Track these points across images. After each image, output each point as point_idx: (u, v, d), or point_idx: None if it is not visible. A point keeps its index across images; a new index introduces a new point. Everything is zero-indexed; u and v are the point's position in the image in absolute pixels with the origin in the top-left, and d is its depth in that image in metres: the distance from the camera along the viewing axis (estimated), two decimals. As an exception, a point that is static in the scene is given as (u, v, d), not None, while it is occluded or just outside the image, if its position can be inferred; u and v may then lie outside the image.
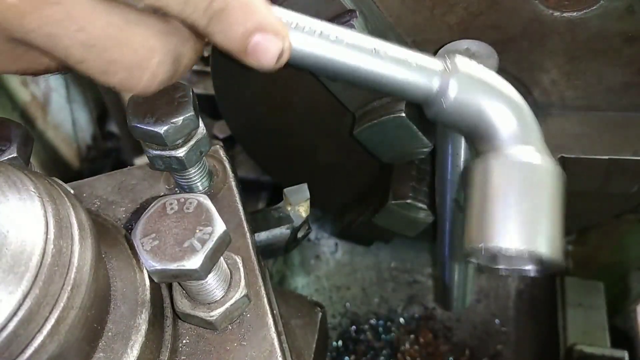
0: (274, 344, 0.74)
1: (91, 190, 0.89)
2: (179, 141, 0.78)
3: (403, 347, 1.63)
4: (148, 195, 0.89)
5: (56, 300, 0.54)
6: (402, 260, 1.74)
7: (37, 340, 0.52)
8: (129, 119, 0.75)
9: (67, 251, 0.56)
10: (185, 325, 0.75)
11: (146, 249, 0.61)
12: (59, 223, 0.56)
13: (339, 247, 1.77)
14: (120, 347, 0.63)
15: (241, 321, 0.75)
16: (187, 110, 0.74)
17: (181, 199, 0.65)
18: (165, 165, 0.81)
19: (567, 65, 1.03)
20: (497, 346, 1.61)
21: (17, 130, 0.78)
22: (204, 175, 0.88)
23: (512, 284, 1.67)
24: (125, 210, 0.87)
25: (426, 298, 1.70)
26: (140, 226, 0.63)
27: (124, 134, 2.84)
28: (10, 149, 0.77)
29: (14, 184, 0.57)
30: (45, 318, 0.53)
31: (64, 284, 0.55)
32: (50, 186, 0.61)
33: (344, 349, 1.65)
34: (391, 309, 1.69)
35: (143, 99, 0.74)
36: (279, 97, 1.17)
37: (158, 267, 0.60)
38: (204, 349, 0.73)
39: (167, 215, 0.63)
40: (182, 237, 0.62)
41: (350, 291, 1.73)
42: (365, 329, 1.67)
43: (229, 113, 1.25)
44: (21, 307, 0.51)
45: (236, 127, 1.29)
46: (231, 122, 1.29)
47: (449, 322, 1.67)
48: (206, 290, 0.70)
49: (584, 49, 1.00)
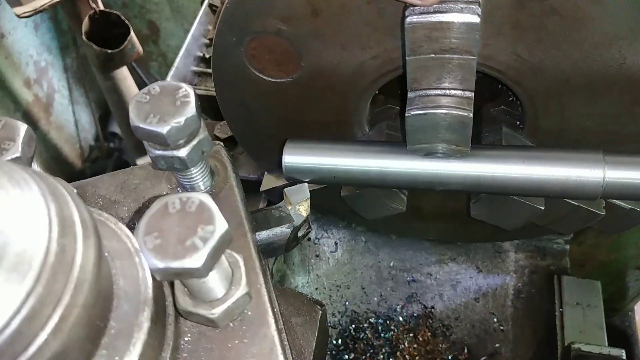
0: (275, 342, 0.75)
1: (94, 190, 0.90)
2: (181, 141, 0.78)
3: (402, 346, 1.63)
4: (150, 194, 0.90)
5: (59, 299, 0.54)
6: (402, 259, 1.74)
7: (40, 338, 0.53)
8: (131, 119, 0.75)
9: (70, 250, 0.56)
10: (187, 323, 0.76)
11: (148, 247, 0.61)
12: (62, 222, 0.56)
13: (339, 246, 1.77)
14: (122, 345, 0.64)
15: (242, 319, 0.76)
16: (189, 110, 0.75)
17: (183, 198, 0.65)
18: (167, 165, 0.82)
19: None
20: (495, 345, 1.62)
21: (20, 130, 0.79)
22: (205, 175, 0.88)
23: (510, 283, 1.68)
24: (127, 209, 0.88)
25: (425, 297, 1.71)
26: (142, 225, 0.63)
27: (126, 134, 2.85)
28: (14, 149, 0.77)
29: (17, 183, 0.57)
30: (49, 316, 0.53)
31: (67, 282, 0.55)
32: (54, 185, 0.61)
33: (344, 347, 1.66)
34: (390, 308, 1.70)
35: (145, 100, 0.75)
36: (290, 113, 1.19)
37: (160, 265, 0.61)
38: (206, 346, 0.74)
39: (169, 214, 0.63)
40: (184, 236, 0.62)
41: (349, 290, 1.74)
42: (365, 327, 1.68)
43: (230, 114, 1.25)
44: (24, 305, 0.51)
45: (237, 128, 1.30)
46: (232, 123, 1.29)
47: (447, 321, 1.67)
48: (208, 288, 0.70)
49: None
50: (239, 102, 1.20)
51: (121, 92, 2.53)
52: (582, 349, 1.37)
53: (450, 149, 1.04)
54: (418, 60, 0.93)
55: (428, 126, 1.00)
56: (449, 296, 1.70)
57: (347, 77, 1.08)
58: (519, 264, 1.68)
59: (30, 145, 0.80)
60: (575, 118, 1.05)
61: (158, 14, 2.95)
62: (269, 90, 1.14)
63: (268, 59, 1.07)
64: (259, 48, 1.05)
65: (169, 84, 0.78)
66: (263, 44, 1.04)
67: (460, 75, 0.93)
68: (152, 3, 2.90)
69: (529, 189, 1.05)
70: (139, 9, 2.95)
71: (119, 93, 2.54)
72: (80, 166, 3.21)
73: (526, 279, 1.66)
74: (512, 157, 1.05)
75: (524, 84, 1.01)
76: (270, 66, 1.09)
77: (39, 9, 2.00)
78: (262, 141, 1.29)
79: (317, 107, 1.17)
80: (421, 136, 1.03)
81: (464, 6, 0.85)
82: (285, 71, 1.09)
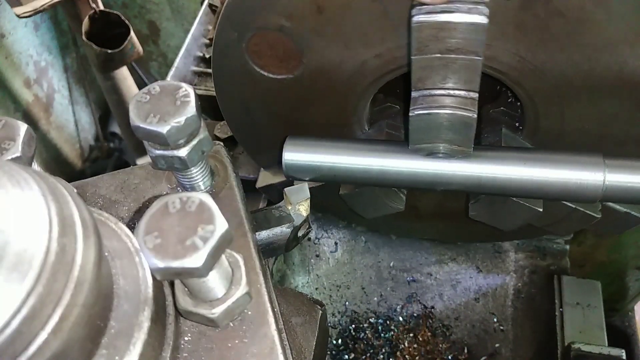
0: (275, 341, 0.75)
1: (94, 190, 0.90)
2: (181, 141, 0.78)
3: (402, 346, 1.63)
4: (150, 194, 0.90)
5: (59, 298, 0.54)
6: (402, 259, 1.74)
7: (41, 338, 0.53)
8: (132, 119, 0.76)
9: (70, 249, 0.56)
10: (187, 323, 0.76)
11: (149, 247, 0.61)
12: (63, 221, 0.56)
13: (339, 246, 1.77)
14: (122, 345, 0.64)
15: (242, 319, 0.76)
16: (190, 110, 0.75)
17: (183, 197, 0.65)
18: (167, 165, 0.82)
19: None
20: (495, 345, 1.62)
21: (20, 130, 0.79)
22: (205, 175, 0.88)
23: (510, 283, 1.68)
24: (128, 209, 0.88)
25: (425, 297, 1.71)
26: (142, 224, 0.63)
27: (126, 134, 2.85)
28: (14, 149, 0.77)
29: (17, 183, 0.57)
30: (49, 315, 0.53)
31: (68, 282, 0.55)
32: (54, 185, 0.61)
33: (344, 347, 1.66)
34: (390, 308, 1.70)
35: (145, 100, 0.75)
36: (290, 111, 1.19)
37: (160, 265, 0.61)
38: (206, 346, 0.74)
39: (170, 213, 0.63)
40: (184, 235, 0.62)
41: (349, 290, 1.74)
42: (365, 327, 1.68)
43: (230, 114, 1.25)
44: (25, 304, 0.51)
45: (237, 128, 1.30)
46: (232, 123, 1.29)
47: (447, 321, 1.67)
48: (208, 288, 0.70)
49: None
50: (239, 101, 1.20)
51: (121, 92, 2.53)
52: (582, 349, 1.37)
53: (452, 150, 1.04)
54: (424, 59, 0.93)
55: (431, 126, 1.00)
56: (449, 296, 1.70)
57: (348, 75, 1.07)
58: (519, 264, 1.68)
59: (31, 145, 0.80)
60: (575, 120, 1.05)
61: (158, 14, 2.95)
62: (269, 87, 1.13)
63: (269, 55, 1.07)
64: (260, 44, 1.05)
65: (169, 84, 0.78)
66: (265, 40, 1.04)
67: (465, 76, 0.94)
68: (152, 3, 2.90)
69: (530, 190, 1.05)
70: (139, 9, 2.95)
71: (119, 93, 2.54)
72: (80, 166, 3.21)
73: (526, 279, 1.66)
74: (514, 159, 1.05)
75: (525, 86, 1.01)
76: (271, 62, 1.08)
77: (39, 9, 2.00)
78: (262, 140, 1.29)
79: (317, 105, 1.16)
80: (424, 136, 1.03)
81: (471, 6, 0.85)
82: (287, 68, 1.09)
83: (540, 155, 1.05)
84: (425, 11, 0.87)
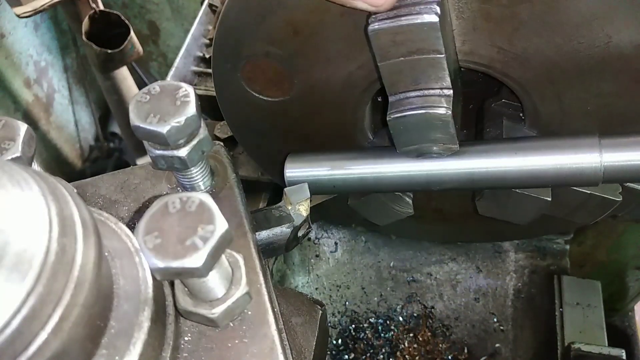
0: (275, 341, 0.75)
1: (94, 190, 0.90)
2: (181, 141, 0.78)
3: (402, 346, 1.64)
4: (150, 194, 0.90)
5: (59, 298, 0.54)
6: (402, 259, 1.74)
7: (41, 338, 0.53)
8: (131, 119, 0.75)
9: (70, 249, 0.56)
10: (187, 323, 0.76)
11: (149, 247, 0.61)
12: (63, 221, 0.56)
13: (339, 246, 1.77)
14: (122, 345, 0.64)
15: (242, 319, 0.76)
16: (190, 110, 0.75)
17: (183, 197, 0.65)
18: (167, 165, 0.82)
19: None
20: (495, 344, 1.62)
21: (20, 129, 0.79)
22: (205, 175, 0.88)
23: (510, 283, 1.68)
24: (128, 209, 0.88)
25: (425, 297, 1.71)
26: (142, 224, 0.63)
27: (126, 134, 2.85)
28: (14, 148, 0.77)
29: (17, 183, 0.57)
30: (49, 315, 0.53)
31: (68, 282, 0.55)
32: (54, 185, 0.61)
33: (344, 347, 1.66)
34: (390, 308, 1.70)
35: (145, 100, 0.75)
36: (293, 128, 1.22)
37: (160, 265, 0.61)
38: (206, 346, 0.74)
39: (170, 213, 0.63)
40: (184, 235, 0.62)
41: (349, 290, 1.74)
42: (365, 327, 1.68)
43: (230, 114, 1.26)
44: (25, 304, 0.51)
45: (237, 128, 1.30)
46: (232, 123, 1.30)
47: (447, 321, 1.67)
48: (208, 288, 0.70)
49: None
50: (245, 125, 1.25)
51: (121, 92, 2.53)
52: (582, 349, 1.37)
53: (439, 148, 1.04)
54: (389, 65, 0.94)
55: (409, 128, 1.00)
56: (449, 296, 1.70)
57: (339, 88, 1.09)
58: (519, 264, 1.68)
59: (31, 145, 0.80)
60: (574, 103, 1.03)
61: (158, 14, 2.95)
62: (270, 109, 1.17)
63: (263, 80, 1.11)
64: (253, 71, 1.10)
65: (169, 84, 0.78)
66: (256, 66, 1.08)
67: (433, 75, 0.94)
68: (152, 3, 2.90)
69: (525, 180, 1.04)
70: (139, 9, 2.95)
71: (119, 93, 2.54)
72: (80, 166, 3.21)
73: (526, 279, 1.66)
74: (504, 150, 1.04)
75: (512, 75, 1.01)
76: (267, 87, 1.13)
77: (39, 9, 2.00)
78: (262, 141, 1.30)
79: (317, 120, 1.19)
80: (407, 138, 1.03)
81: (422, 7, 0.86)
82: (282, 90, 1.12)
83: (533, 143, 1.04)
84: (379, 19, 0.88)
